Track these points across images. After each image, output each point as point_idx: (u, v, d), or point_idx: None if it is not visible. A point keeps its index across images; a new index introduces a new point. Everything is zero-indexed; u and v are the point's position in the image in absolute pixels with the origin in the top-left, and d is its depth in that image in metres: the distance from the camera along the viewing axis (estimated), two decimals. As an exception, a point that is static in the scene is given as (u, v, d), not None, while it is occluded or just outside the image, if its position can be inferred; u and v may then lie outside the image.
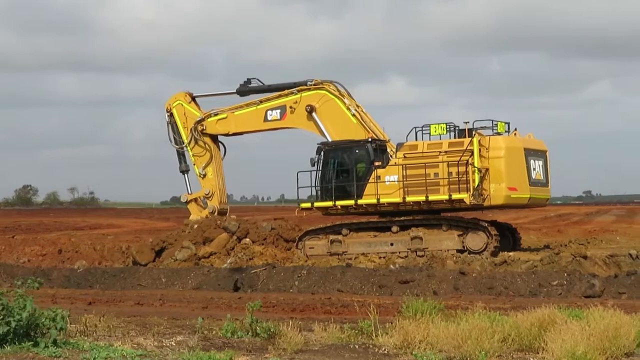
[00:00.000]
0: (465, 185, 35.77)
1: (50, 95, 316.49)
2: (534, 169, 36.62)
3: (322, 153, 38.71)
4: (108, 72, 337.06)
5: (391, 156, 37.65)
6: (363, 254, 37.10)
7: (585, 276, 28.59)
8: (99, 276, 36.97)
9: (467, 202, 35.69)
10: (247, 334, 17.05)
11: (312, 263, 35.93)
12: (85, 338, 16.37)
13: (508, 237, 38.06)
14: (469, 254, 34.98)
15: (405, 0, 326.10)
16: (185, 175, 42.98)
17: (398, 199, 37.00)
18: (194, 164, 42.47)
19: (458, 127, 36.73)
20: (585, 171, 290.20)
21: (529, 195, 36.45)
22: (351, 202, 37.92)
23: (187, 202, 42.73)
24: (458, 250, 35.66)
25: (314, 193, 39.30)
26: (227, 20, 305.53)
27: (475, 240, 35.88)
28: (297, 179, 39.52)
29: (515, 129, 37.14)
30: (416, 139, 37.07)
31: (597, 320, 15.49)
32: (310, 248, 38.39)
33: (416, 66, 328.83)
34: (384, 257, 36.42)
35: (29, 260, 46.07)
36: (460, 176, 35.70)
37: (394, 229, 37.08)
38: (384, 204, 37.40)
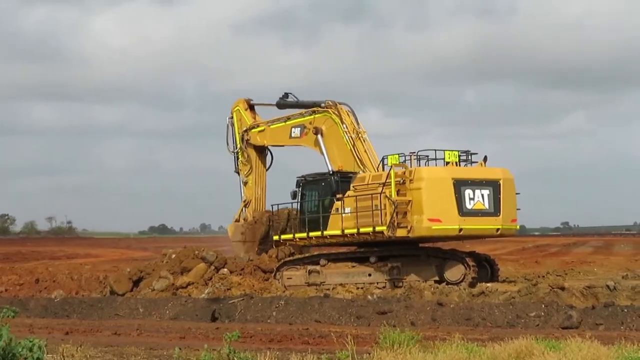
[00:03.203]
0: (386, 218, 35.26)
1: (24, 124, 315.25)
2: (471, 199, 35.57)
3: (300, 186, 39.02)
4: (81, 101, 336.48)
5: None
6: (341, 284, 37.07)
7: (563, 307, 28.64)
8: (77, 306, 36.89)
9: (385, 234, 35.28)
10: (225, 364, 17.00)
11: (289, 293, 35.91)
12: (62, 368, 16.31)
13: (486, 268, 38.00)
14: (446, 284, 34.90)
15: (376, 30, 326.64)
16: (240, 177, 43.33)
17: (338, 231, 36.96)
18: (240, 171, 42.89)
19: (410, 155, 36.07)
20: (563, 202, 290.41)
21: (457, 227, 35.24)
22: (303, 234, 38.06)
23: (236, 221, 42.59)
24: (436, 281, 35.62)
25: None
26: (199, 49, 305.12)
27: (453, 271, 35.86)
28: (272, 211, 40.33)
29: (485, 157, 36.90)
30: (382, 169, 36.71)
31: (574, 352, 15.53)
32: (288, 278, 38.38)
33: (391, 97, 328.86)
34: (362, 288, 36.36)
35: (6, 290, 45.91)
36: (382, 209, 35.40)
37: (372, 259, 37.06)
38: (326, 236, 37.39)
